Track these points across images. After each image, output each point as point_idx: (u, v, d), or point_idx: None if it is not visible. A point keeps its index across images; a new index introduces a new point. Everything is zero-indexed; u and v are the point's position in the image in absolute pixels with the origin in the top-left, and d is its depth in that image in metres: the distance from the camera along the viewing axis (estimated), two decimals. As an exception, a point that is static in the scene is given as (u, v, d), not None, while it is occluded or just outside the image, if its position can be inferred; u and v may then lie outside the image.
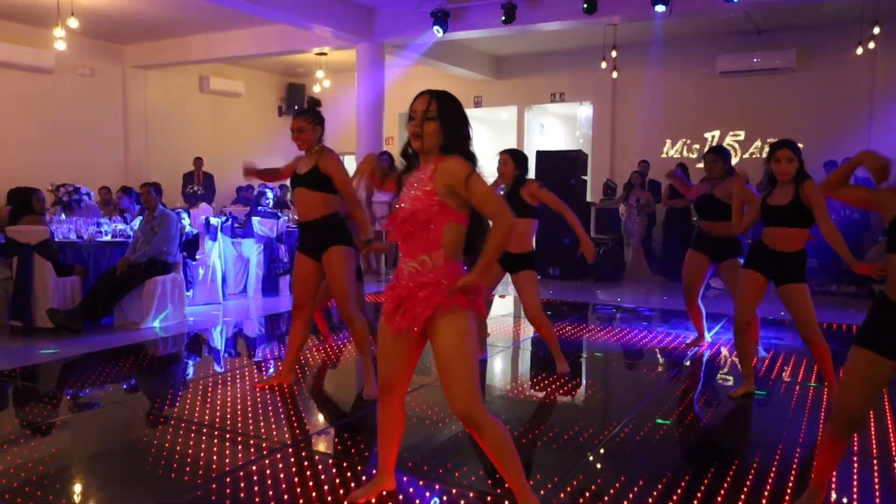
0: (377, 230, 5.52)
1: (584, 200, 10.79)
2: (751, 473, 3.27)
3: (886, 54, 10.38)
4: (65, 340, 5.91)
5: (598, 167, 12.47)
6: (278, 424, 3.91)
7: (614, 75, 11.48)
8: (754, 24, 10.69)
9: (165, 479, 3.17)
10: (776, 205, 4.03)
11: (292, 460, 3.40)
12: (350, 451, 3.59)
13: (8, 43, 10.62)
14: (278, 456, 3.43)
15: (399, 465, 3.01)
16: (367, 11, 10.22)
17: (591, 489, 3.08)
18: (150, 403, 4.60)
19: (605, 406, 4.65)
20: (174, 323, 6.65)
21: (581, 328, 6.76)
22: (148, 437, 3.85)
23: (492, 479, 3.09)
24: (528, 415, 4.24)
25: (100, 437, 3.74)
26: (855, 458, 3.40)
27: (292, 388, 4.55)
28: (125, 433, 3.89)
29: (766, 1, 9.03)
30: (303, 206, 4.31)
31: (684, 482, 3.15)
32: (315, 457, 3.49)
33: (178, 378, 5.19)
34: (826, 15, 10.00)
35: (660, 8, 8.30)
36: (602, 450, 3.56)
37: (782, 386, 4.82)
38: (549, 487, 3.06)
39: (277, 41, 11.28)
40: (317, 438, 3.83)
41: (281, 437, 3.71)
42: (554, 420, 4.14)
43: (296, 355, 4.62)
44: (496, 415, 2.62)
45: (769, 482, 3.15)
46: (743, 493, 3.02)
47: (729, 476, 3.21)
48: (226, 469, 3.25)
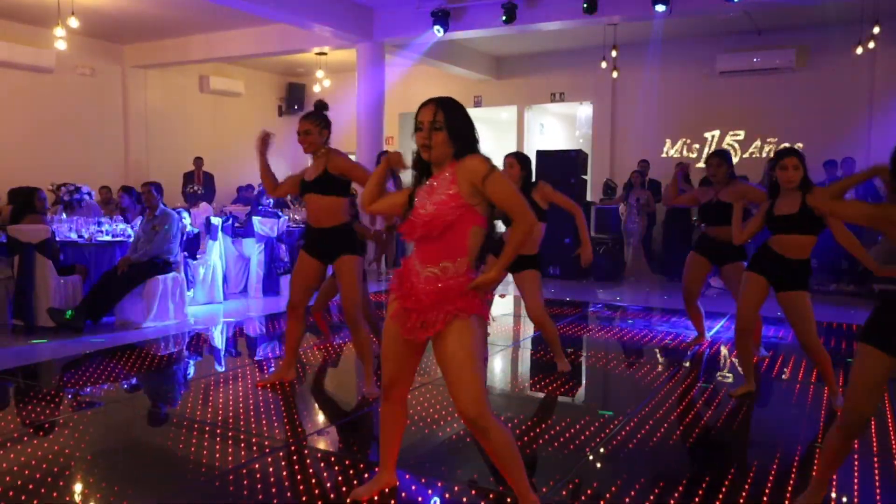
0: (378, 229, 5.54)
1: (584, 200, 10.79)
2: (751, 473, 3.28)
3: (886, 54, 10.39)
4: (66, 339, 5.92)
5: (598, 167, 12.47)
6: (280, 423, 3.92)
7: (614, 75, 11.48)
8: (754, 24, 10.70)
9: (166, 478, 3.18)
10: (784, 214, 4.02)
11: (294, 459, 3.41)
12: (352, 449, 3.60)
13: (8, 42, 10.62)
14: (280, 454, 3.44)
15: (400, 463, 3.02)
16: (367, 11, 10.22)
17: (591, 488, 3.09)
18: (151, 402, 4.62)
19: (605, 405, 4.65)
20: (175, 322, 6.66)
21: (581, 327, 6.77)
22: (149, 436, 3.87)
23: (493, 476, 3.10)
24: (529, 413, 4.25)
25: (101, 436, 3.75)
26: (855, 456, 3.40)
27: (293, 387, 4.57)
28: (126, 432, 3.90)
29: (766, 1, 9.03)
30: (315, 213, 4.29)
31: (684, 482, 3.16)
32: (317, 455, 3.50)
33: (179, 377, 5.20)
34: (826, 15, 10.00)
35: (660, 8, 8.30)
36: (602, 449, 3.57)
37: (782, 385, 4.83)
38: (550, 486, 3.07)
39: (277, 41, 11.28)
40: (318, 437, 3.83)
41: (282, 436, 3.72)
42: (554, 419, 4.15)
43: (294, 351, 4.62)
44: (497, 413, 2.62)
45: (769, 482, 3.15)
46: (743, 493, 3.02)
47: (729, 476, 3.22)
48: (227, 468, 3.25)
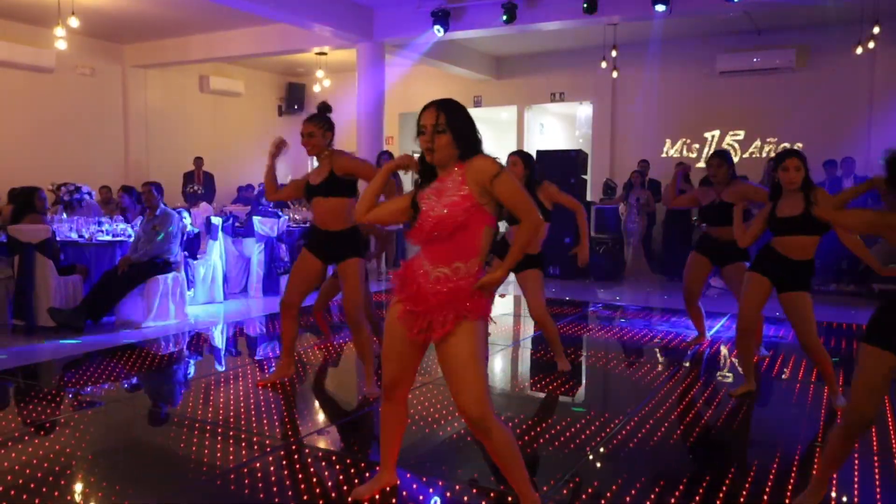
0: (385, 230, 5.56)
1: (584, 200, 10.79)
2: (751, 472, 3.28)
3: (886, 54, 10.39)
4: (66, 339, 5.92)
5: (598, 167, 12.47)
6: (280, 423, 3.92)
7: (614, 75, 11.48)
8: (754, 24, 10.70)
9: (167, 477, 3.18)
10: (787, 216, 4.01)
11: (295, 458, 3.41)
12: (352, 449, 3.60)
13: (8, 42, 10.62)
14: (281, 454, 3.44)
15: (401, 462, 3.03)
16: (367, 11, 10.22)
17: (592, 488, 3.09)
18: (152, 402, 4.62)
19: (605, 405, 4.66)
20: (175, 322, 6.67)
21: (581, 327, 6.78)
22: (149, 436, 3.87)
23: (494, 476, 3.10)
24: (529, 413, 4.25)
25: (101, 436, 3.75)
26: (855, 456, 3.40)
27: (294, 387, 4.57)
28: (127, 431, 3.90)
29: (766, 1, 9.03)
30: (321, 216, 4.28)
31: (684, 481, 3.16)
32: (317, 454, 3.50)
33: (180, 377, 5.20)
34: (826, 15, 10.00)
35: (660, 7, 8.30)
36: (602, 448, 3.57)
37: (782, 384, 4.83)
38: (550, 485, 3.07)
39: (277, 41, 11.28)
40: (318, 436, 3.84)
41: (283, 435, 3.72)
42: (554, 418, 4.15)
43: (291, 351, 4.62)
44: (497, 412, 2.63)
45: (769, 481, 3.16)
46: (743, 492, 3.03)
47: (729, 475, 3.22)
48: (228, 467, 3.25)
